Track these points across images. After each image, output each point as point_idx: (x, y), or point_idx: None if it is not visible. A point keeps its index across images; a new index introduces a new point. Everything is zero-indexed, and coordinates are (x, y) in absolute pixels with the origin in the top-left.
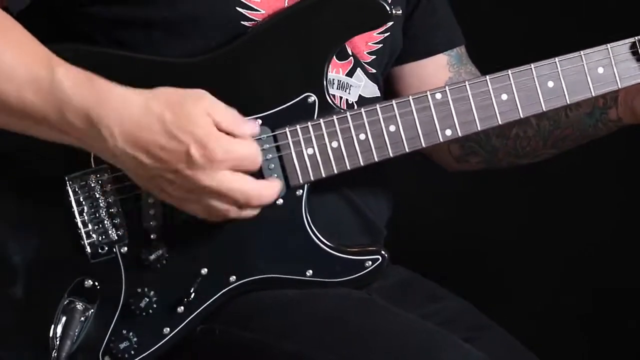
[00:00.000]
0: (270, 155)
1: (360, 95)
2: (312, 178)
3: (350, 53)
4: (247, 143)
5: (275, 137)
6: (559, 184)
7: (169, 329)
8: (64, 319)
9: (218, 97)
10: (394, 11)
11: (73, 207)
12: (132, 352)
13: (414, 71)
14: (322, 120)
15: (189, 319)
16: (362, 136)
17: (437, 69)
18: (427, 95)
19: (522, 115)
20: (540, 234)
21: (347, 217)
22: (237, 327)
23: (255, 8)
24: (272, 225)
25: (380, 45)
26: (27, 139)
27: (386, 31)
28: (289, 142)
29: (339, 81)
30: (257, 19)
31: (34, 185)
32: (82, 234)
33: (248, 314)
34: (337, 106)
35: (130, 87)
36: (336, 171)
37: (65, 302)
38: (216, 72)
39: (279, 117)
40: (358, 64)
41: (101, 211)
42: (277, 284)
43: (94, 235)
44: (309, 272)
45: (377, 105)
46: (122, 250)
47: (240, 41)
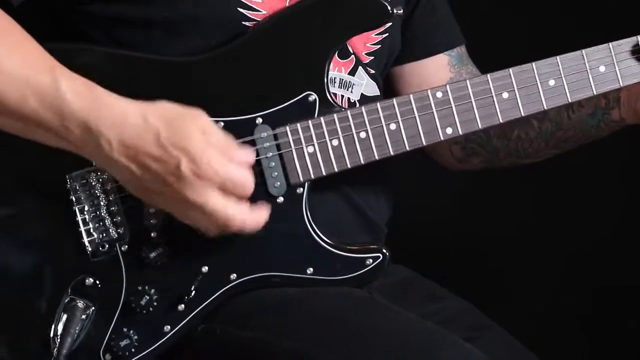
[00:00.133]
0: (271, 153)
1: (362, 93)
2: (313, 176)
3: (352, 52)
4: (239, 168)
5: (275, 135)
6: (559, 184)
7: (169, 327)
8: (65, 317)
9: (219, 96)
10: (395, 11)
11: (74, 206)
12: (133, 350)
13: (415, 71)
14: (322, 118)
15: (190, 317)
16: (363, 134)
17: (438, 69)
18: (428, 93)
19: (523, 114)
20: (541, 234)
21: (347, 215)
22: (237, 326)
23: (256, 8)
24: (273, 223)
25: (379, 46)
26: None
27: (385, 32)
28: (289, 141)
29: (341, 80)
30: (258, 19)
31: (34, 183)
32: (83, 233)
33: (248, 312)
34: (338, 105)
35: (131, 88)
36: (337, 169)
37: (66, 300)
38: (217, 70)
39: (280, 116)
40: (359, 62)
41: (102, 209)
42: (277, 282)
43: (95, 234)
44: (310, 270)
45: (378, 104)
46: (122, 248)
47: (241, 40)
